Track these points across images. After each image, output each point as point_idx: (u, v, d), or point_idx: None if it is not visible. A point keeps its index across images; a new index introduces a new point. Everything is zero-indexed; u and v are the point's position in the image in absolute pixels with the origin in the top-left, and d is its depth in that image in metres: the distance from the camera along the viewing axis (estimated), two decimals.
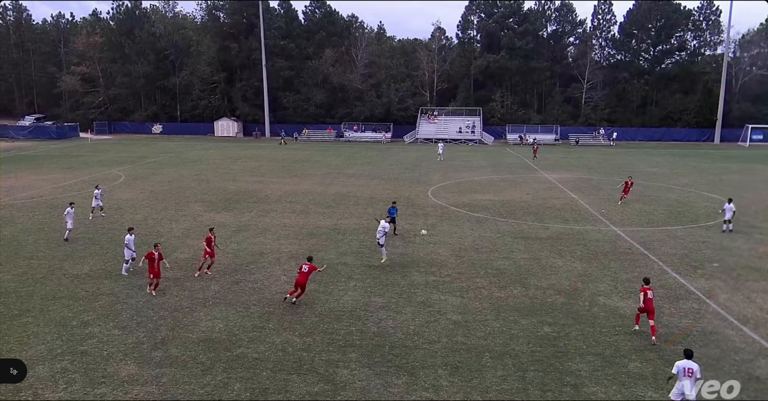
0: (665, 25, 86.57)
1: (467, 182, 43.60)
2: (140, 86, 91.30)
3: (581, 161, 58.93)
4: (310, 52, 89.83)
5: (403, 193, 38.09)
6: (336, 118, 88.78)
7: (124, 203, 33.98)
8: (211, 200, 35.29)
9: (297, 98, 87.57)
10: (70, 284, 19.88)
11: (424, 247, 24.82)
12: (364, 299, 18.65)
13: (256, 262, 22.58)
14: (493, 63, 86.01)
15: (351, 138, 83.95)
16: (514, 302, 18.53)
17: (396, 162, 55.98)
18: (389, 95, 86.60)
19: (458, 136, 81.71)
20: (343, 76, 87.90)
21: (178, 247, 24.60)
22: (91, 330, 16.12)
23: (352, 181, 43.28)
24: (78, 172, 46.83)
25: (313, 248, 24.40)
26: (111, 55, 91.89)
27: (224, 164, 52.71)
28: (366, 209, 32.63)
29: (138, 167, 49.93)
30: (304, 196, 36.87)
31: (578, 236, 26.91)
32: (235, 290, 19.39)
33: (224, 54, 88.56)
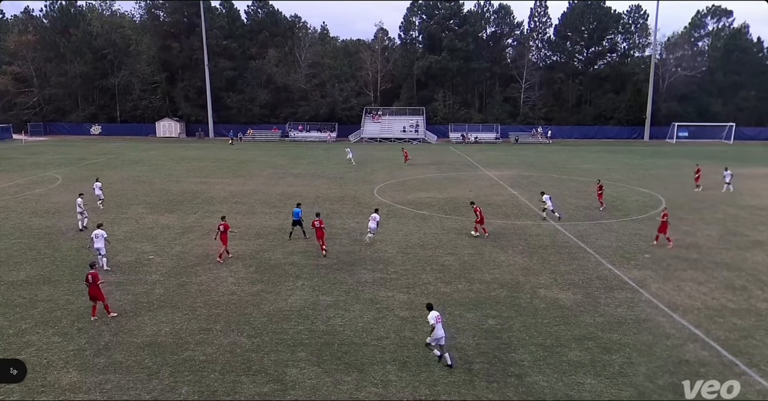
0: (597, 27, 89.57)
1: (412, 180, 43.87)
2: (77, 86, 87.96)
3: (521, 158, 60.22)
4: (254, 52, 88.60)
5: (350, 192, 38.01)
6: (281, 118, 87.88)
7: (62, 206, 32.61)
8: (154, 201, 34.30)
9: (241, 98, 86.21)
10: (6, 291, 18.96)
11: (371, 245, 24.83)
12: (312, 298, 18.53)
13: (201, 264, 22.09)
14: (434, 64, 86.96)
15: (296, 138, 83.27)
16: (459, 296, 18.77)
17: (341, 161, 55.80)
18: (334, 95, 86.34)
19: (402, 135, 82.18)
20: (287, 77, 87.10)
21: (120, 250, 23.79)
22: (29, 338, 15.42)
23: (298, 181, 42.90)
24: (12, 174, 44.67)
25: (260, 249, 24.08)
26: (45, 55, 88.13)
27: (167, 165, 51.35)
28: (312, 209, 32.33)
29: (76, 169, 48.05)
30: (249, 196, 36.30)
31: (519, 231, 27.47)
32: (180, 293, 18.92)
33: (165, 54, 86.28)
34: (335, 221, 29.40)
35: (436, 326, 14.14)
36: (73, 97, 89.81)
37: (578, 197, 36.45)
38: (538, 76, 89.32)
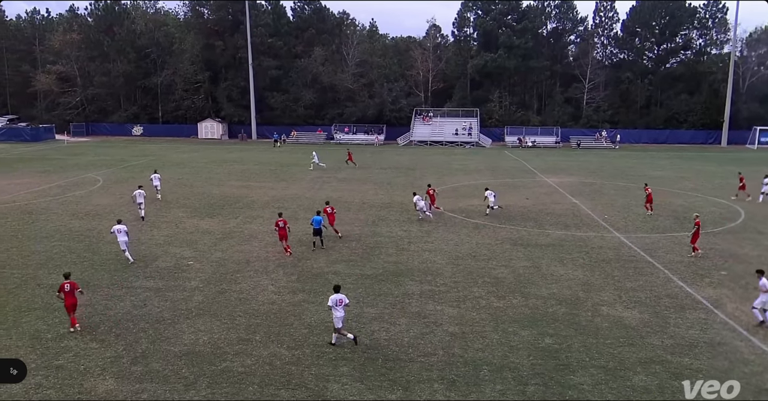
0: (670, 23, 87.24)
1: (464, 186, 43.64)
2: (120, 86, 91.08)
3: (583, 164, 59.15)
4: (299, 50, 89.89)
5: (397, 198, 38.08)
6: (326, 119, 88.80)
7: (102, 209, 33.82)
8: (195, 205, 35.17)
9: (285, 99, 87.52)
10: (45, 295, 19.75)
11: (419, 255, 24.81)
12: (356, 309, 18.60)
13: (241, 271, 22.51)
14: (490, 62, 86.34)
15: (342, 140, 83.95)
16: (513, 312, 18.54)
17: (389, 166, 56.00)
18: (382, 95, 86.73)
19: (454, 138, 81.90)
20: (334, 76, 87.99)
21: (159, 255, 24.49)
22: (67, 344, 16.01)
23: (343, 185, 43.24)
24: (53, 175, 46.59)
25: (302, 256, 24.37)
26: (89, 54, 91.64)
27: (208, 168, 52.59)
28: (357, 215, 32.60)
29: (117, 171, 49.73)
30: (292, 201, 36.80)
31: (580, 243, 26.97)
32: (219, 301, 19.31)
33: (208, 52, 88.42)
34: (381, 228, 29.51)
35: (335, 308, 15.91)
36: (115, 97, 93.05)
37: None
38: (603, 75, 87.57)
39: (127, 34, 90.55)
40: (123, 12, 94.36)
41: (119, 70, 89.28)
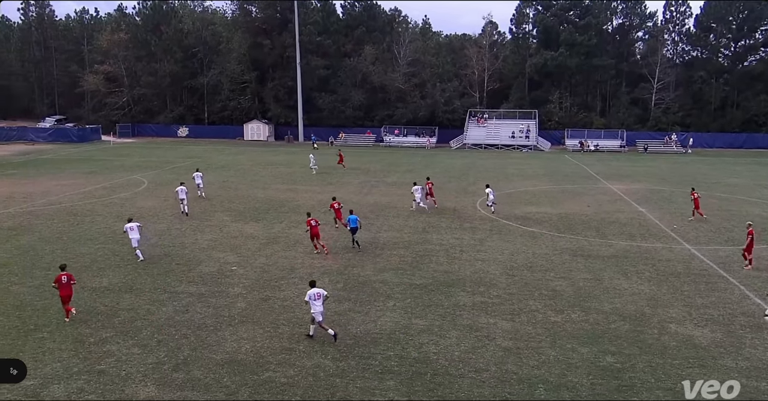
0: (748, 17, 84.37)
1: (520, 192, 43.19)
2: (166, 86, 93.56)
3: (650, 170, 57.75)
4: (349, 49, 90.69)
5: (449, 204, 37.95)
6: (375, 121, 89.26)
7: (147, 211, 34.79)
8: (239, 209, 35.83)
9: (333, 99, 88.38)
10: (89, 298, 20.42)
11: (471, 264, 24.66)
12: (404, 321, 18.61)
13: (286, 277, 22.79)
14: (550, 61, 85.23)
15: (392, 143, 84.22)
16: (572, 328, 18.22)
17: (441, 170, 55.87)
18: (434, 96, 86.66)
19: (511, 141, 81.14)
20: (384, 76, 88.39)
21: (202, 260, 25.02)
22: (109, 348, 16.51)
23: (393, 190, 43.35)
24: (99, 177, 48.19)
25: (348, 264, 24.51)
26: (136, 53, 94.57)
27: (253, 171, 53.51)
28: (407, 222, 32.61)
29: (162, 173, 51.07)
30: None
31: (646, 255, 26.34)
32: (263, 308, 19.60)
33: (256, 51, 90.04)
34: (432, 236, 29.47)
35: (313, 302, 16.96)
36: (161, 97, 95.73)
37: (720, 216, 34.39)
38: (673, 74, 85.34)
39: (174, 34, 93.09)
40: (171, 11, 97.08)
41: (166, 70, 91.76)
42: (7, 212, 33.95)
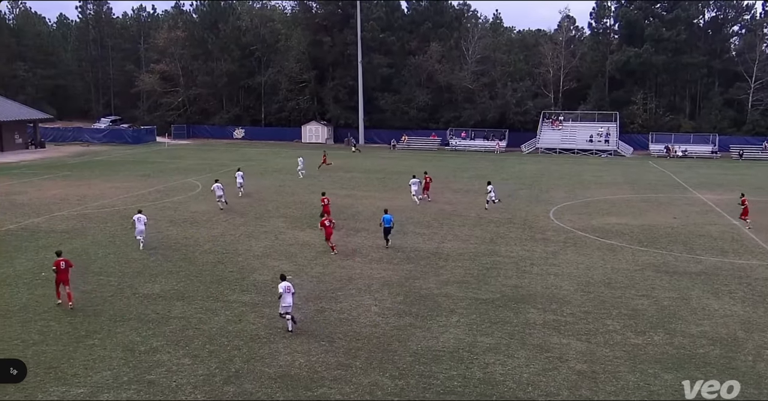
0: None
1: (598, 201, 42.39)
2: (222, 86, 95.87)
3: (746, 178, 55.71)
4: (413, 46, 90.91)
5: (519, 213, 37.57)
6: (441, 123, 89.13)
7: (201, 216, 35.72)
8: (295, 215, 36.36)
9: (396, 100, 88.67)
10: (140, 304, 21.09)
11: (543, 279, 24.33)
12: (468, 338, 18.48)
13: (343, 288, 22.98)
14: (634, 58, 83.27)
15: (458, 146, 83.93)
16: (654, 351, 17.72)
17: (511, 176, 55.35)
18: (505, 96, 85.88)
19: (588, 145, 79.67)
20: (451, 74, 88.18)
21: (257, 268, 25.49)
22: (159, 358, 16.98)
23: (458, 197, 43.19)
24: (153, 180, 49.75)
25: (409, 275, 24.52)
26: (192, 52, 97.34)
27: (311, 175, 54.20)
28: (473, 231, 32.43)
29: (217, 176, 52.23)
30: (400, 213, 37.04)
31: (740, 273, 25.41)
32: (318, 320, 19.80)
33: (315, 49, 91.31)
34: (500, 247, 29.22)
35: (284, 295, 18.55)
36: (217, 97, 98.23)
37: None
38: None
39: (231, 31, 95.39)
40: (229, 8, 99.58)
41: (222, 69, 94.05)
42: (60, 215, 35.44)
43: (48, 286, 22.71)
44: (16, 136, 74.90)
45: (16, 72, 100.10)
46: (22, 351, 17.15)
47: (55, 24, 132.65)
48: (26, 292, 22.28)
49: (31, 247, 28.40)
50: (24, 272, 24.71)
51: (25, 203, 39.26)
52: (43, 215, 35.61)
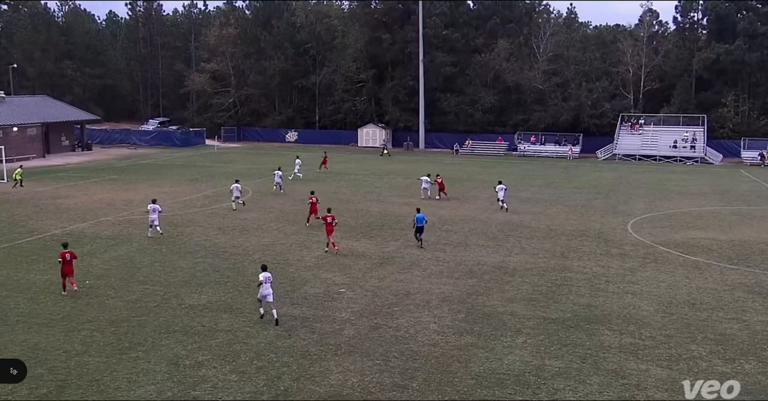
0: None
1: (683, 213, 41.40)
2: (275, 86, 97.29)
3: None
4: (479, 43, 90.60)
5: (594, 225, 36.99)
6: (508, 126, 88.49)
7: (250, 224, 36.28)
8: (350, 223, 36.58)
9: (460, 101, 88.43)
10: (186, 316, 21.54)
11: (619, 298, 23.88)
12: (535, 361, 18.25)
13: (400, 304, 22.98)
14: (724, 55, 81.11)
15: (527, 152, 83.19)
16: (746, 381, 17.14)
17: (585, 184, 54.52)
18: (579, 98, 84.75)
19: (672, 152, 77.90)
20: (520, 74, 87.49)
21: (308, 280, 25.73)
22: (205, 373, 17.28)
23: (526, 207, 42.78)
24: (201, 185, 50.84)
25: (472, 291, 24.37)
26: (244, 50, 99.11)
27: (367, 181, 54.52)
28: (543, 244, 32.05)
29: (268, 181, 52.97)
30: (463, 224, 37.01)
31: None
32: (373, 337, 19.84)
33: (374, 47, 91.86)
34: (572, 262, 28.81)
35: (263, 284, 20.70)
36: (270, 98, 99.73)
37: None
38: None
39: (285, 28, 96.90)
40: (283, 3, 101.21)
41: (275, 69, 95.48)
42: (106, 220, 36.53)
43: (92, 294, 23.52)
44: (63, 138, 77.71)
45: (64, 71, 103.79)
46: (65, 362, 17.72)
47: (104, 21, 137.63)
48: (70, 300, 23.00)
49: (76, 253, 29.30)
50: None
51: (71, 207, 40.63)
52: (89, 220, 36.79)
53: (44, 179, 53.01)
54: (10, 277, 25.73)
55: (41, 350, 18.57)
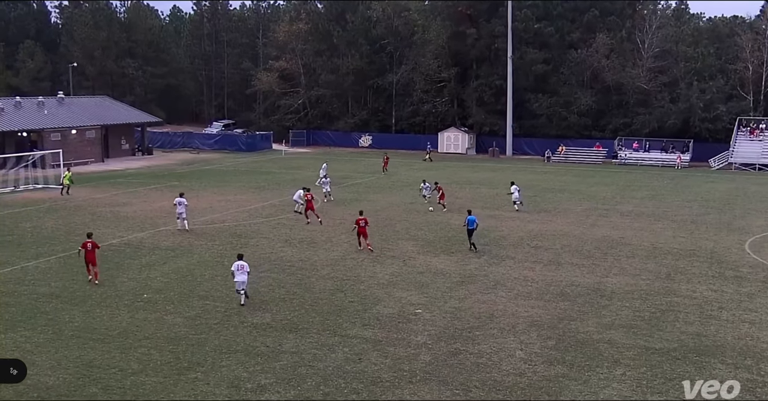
0: None
1: None
2: (348, 86, 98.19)
3: None
4: (575, 38, 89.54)
5: (706, 243, 35.99)
6: (607, 131, 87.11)
7: (319, 235, 36.67)
8: (428, 238, 36.56)
9: (553, 102, 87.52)
10: (248, 335, 21.90)
11: (734, 327, 23.17)
12: (636, 395, 17.86)
13: (482, 327, 22.81)
14: None
15: (628, 159, 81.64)
16: None
17: (696, 197, 53.15)
18: (690, 99, 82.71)
19: None
20: (622, 72, 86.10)
21: (381, 298, 25.81)
22: (267, 398, 17.52)
23: (627, 222, 41.97)
24: (267, 193, 51.73)
25: (564, 316, 24.01)
26: (316, 47, 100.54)
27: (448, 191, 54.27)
28: (645, 264, 31.34)
29: (338, 190, 53.58)
30: (554, 240, 36.53)
31: None
32: (451, 364, 19.73)
33: (457, 43, 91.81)
34: (679, 285, 28.09)
35: (236, 273, 24.56)
36: (342, 99, 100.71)
37: None
38: None
39: (360, 23, 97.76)
40: None
41: (349, 67, 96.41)
42: (166, 230, 37.56)
43: (150, 309, 24.23)
44: (123, 141, 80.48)
45: (125, 70, 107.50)
46: (120, 381, 18.25)
47: (168, 17, 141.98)
48: (127, 315, 23.74)
49: (134, 265, 30.30)
50: (125, 292, 26.36)
51: (130, 215, 41.97)
52: (148, 229, 37.91)
53: (102, 185, 54.97)
54: (65, 288, 26.75)
55: (96, 367, 19.19)
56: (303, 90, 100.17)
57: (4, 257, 31.51)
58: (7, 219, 40.75)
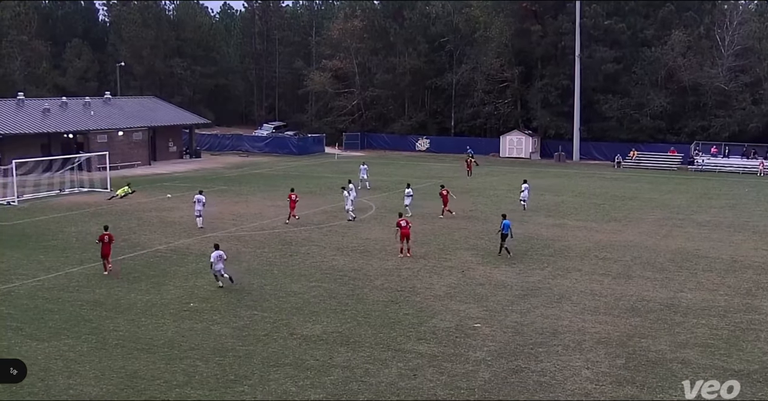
0: None
1: None
2: (405, 86, 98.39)
3: None
4: (649, 35, 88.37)
5: None
6: (683, 134, 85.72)
7: (372, 244, 36.77)
8: (488, 247, 36.35)
9: (624, 104, 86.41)
10: (297, 347, 22.03)
11: None
12: None
13: (545, 344, 22.59)
14: None
15: (706, 166, 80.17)
16: None
17: None
18: None
19: None
20: (699, 72, 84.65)
21: (438, 311, 25.73)
22: None
23: (704, 233, 41.21)
24: (319, 198, 51.99)
25: (634, 333, 23.64)
26: (371, 45, 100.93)
27: (510, 198, 53.94)
28: (724, 279, 30.69)
29: (393, 196, 53.65)
30: (624, 251, 36.03)
31: None
32: (512, 383, 19.58)
33: (521, 41, 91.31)
34: (762, 302, 27.46)
35: (214, 263, 27.32)
36: (398, 100, 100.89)
37: None
38: None
39: (418, 19, 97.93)
40: None
41: (406, 66, 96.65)
42: (214, 236, 37.94)
43: (197, 319, 24.55)
44: (170, 143, 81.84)
45: (173, 70, 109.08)
46: (165, 394, 18.52)
47: (218, 15, 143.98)
48: (173, 324, 24.10)
49: (180, 272, 30.76)
50: (171, 300, 26.78)
51: (176, 221, 42.65)
52: (195, 235, 38.48)
53: (149, 189, 55.94)
54: (110, 296, 27.29)
55: (140, 378, 19.51)
56: (357, 91, 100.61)
57: (48, 262, 32.33)
58: (52, 223, 41.80)
